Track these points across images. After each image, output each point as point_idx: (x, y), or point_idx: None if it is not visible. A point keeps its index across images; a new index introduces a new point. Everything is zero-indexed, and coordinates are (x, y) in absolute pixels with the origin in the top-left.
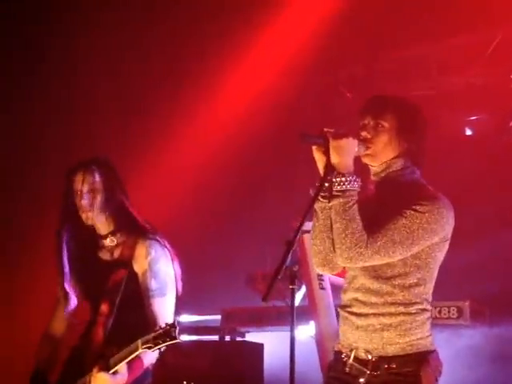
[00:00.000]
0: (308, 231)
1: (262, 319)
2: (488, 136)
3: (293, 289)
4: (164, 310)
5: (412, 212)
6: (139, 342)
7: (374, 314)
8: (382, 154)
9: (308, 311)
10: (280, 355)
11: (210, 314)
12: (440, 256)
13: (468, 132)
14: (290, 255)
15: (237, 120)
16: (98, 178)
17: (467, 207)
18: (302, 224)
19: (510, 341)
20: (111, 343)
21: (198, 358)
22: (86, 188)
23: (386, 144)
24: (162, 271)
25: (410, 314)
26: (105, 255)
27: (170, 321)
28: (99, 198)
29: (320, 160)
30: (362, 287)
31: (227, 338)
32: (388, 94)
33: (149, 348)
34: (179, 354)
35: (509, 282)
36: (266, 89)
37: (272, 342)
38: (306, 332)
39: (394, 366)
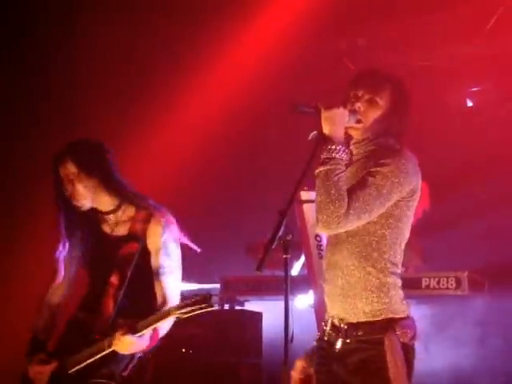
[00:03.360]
0: (308, 201)
1: (262, 288)
2: (489, 107)
3: (286, 258)
4: (173, 285)
5: (378, 168)
6: (171, 308)
7: (339, 277)
8: (369, 129)
9: (307, 280)
10: (279, 324)
11: (209, 283)
12: (403, 215)
13: (469, 103)
14: (283, 225)
15: (238, 92)
16: (73, 167)
17: (467, 179)
18: (294, 193)
19: (509, 312)
20: (121, 314)
21: (196, 326)
22: (65, 179)
23: (375, 120)
24: (173, 250)
25: (370, 276)
26: (110, 229)
27: (178, 296)
28: (80, 186)
29: None
30: (331, 249)
31: (226, 307)
32: (384, 70)
33: (182, 314)
34: (178, 322)
35: (509, 253)
36: (268, 61)
37: (271, 311)
38: (304, 301)
39: (361, 333)
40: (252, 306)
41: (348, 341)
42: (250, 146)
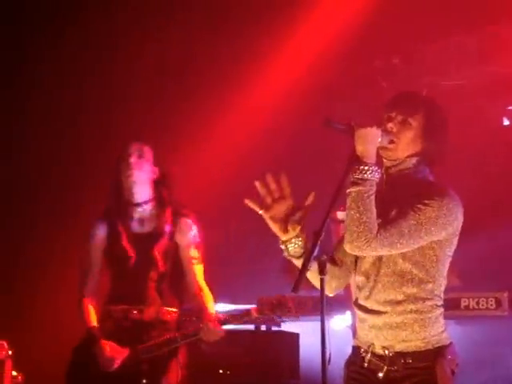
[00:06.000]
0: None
1: None
2: None
3: (322, 278)
4: (201, 275)
5: (421, 206)
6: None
7: (387, 313)
8: (402, 151)
9: (344, 301)
10: (316, 345)
11: (246, 304)
12: (448, 252)
13: (506, 122)
14: (318, 245)
15: (273, 107)
16: (146, 148)
17: (504, 197)
18: (328, 213)
19: None
20: (166, 305)
21: (233, 347)
22: (136, 153)
23: (409, 142)
24: (200, 244)
25: (422, 311)
26: (137, 226)
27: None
28: (146, 164)
29: None
30: (376, 284)
31: (263, 328)
32: (419, 92)
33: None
34: (215, 342)
35: None
36: (304, 80)
37: (308, 332)
38: (342, 322)
39: (410, 361)
40: (289, 326)
41: (394, 368)
42: (286, 164)
